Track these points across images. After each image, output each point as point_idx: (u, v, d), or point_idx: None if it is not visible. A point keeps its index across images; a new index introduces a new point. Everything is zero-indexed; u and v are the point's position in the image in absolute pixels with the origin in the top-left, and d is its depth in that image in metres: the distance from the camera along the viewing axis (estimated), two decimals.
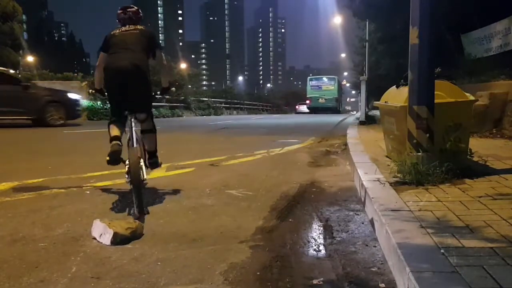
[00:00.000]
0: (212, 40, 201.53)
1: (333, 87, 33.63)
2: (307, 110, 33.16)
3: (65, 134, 9.30)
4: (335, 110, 31.45)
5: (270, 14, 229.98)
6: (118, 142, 2.82)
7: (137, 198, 2.56)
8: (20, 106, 10.34)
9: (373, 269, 1.81)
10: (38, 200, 3.02)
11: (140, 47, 2.93)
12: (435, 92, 3.13)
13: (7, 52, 22.32)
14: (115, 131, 2.88)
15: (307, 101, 33.27)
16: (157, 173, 4.09)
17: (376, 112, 10.10)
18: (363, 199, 2.90)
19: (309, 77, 36.69)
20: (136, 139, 2.81)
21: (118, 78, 2.84)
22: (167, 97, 22.99)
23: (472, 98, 3.59)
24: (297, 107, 39.47)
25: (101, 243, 2.12)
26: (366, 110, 11.96)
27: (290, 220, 2.57)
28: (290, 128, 11.38)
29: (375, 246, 2.09)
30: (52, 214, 2.65)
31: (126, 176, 2.84)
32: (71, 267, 1.83)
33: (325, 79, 35.19)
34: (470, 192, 2.57)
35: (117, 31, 3.01)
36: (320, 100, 32.05)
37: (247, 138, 8.29)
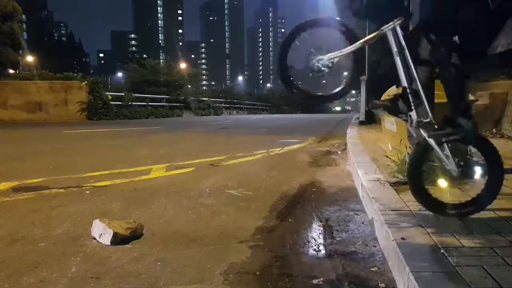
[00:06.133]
0: (212, 40, 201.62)
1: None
2: None
3: (65, 134, 9.31)
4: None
5: (270, 14, 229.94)
6: None
7: None
8: None
9: (373, 269, 1.81)
10: (38, 200, 3.01)
11: None
12: (435, 92, 3.12)
13: (7, 52, 22.26)
14: None
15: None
16: (157, 173, 4.10)
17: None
18: (363, 199, 2.90)
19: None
20: None
21: None
22: (167, 96, 23.06)
23: (472, 98, 3.58)
24: None
25: (101, 243, 2.12)
26: (366, 109, 12.00)
27: (290, 220, 2.56)
28: (290, 128, 11.38)
29: (375, 246, 2.08)
30: (52, 214, 2.64)
31: None
32: (71, 267, 1.83)
33: None
34: (470, 192, 2.56)
35: None
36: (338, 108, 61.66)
37: (247, 138, 8.29)
